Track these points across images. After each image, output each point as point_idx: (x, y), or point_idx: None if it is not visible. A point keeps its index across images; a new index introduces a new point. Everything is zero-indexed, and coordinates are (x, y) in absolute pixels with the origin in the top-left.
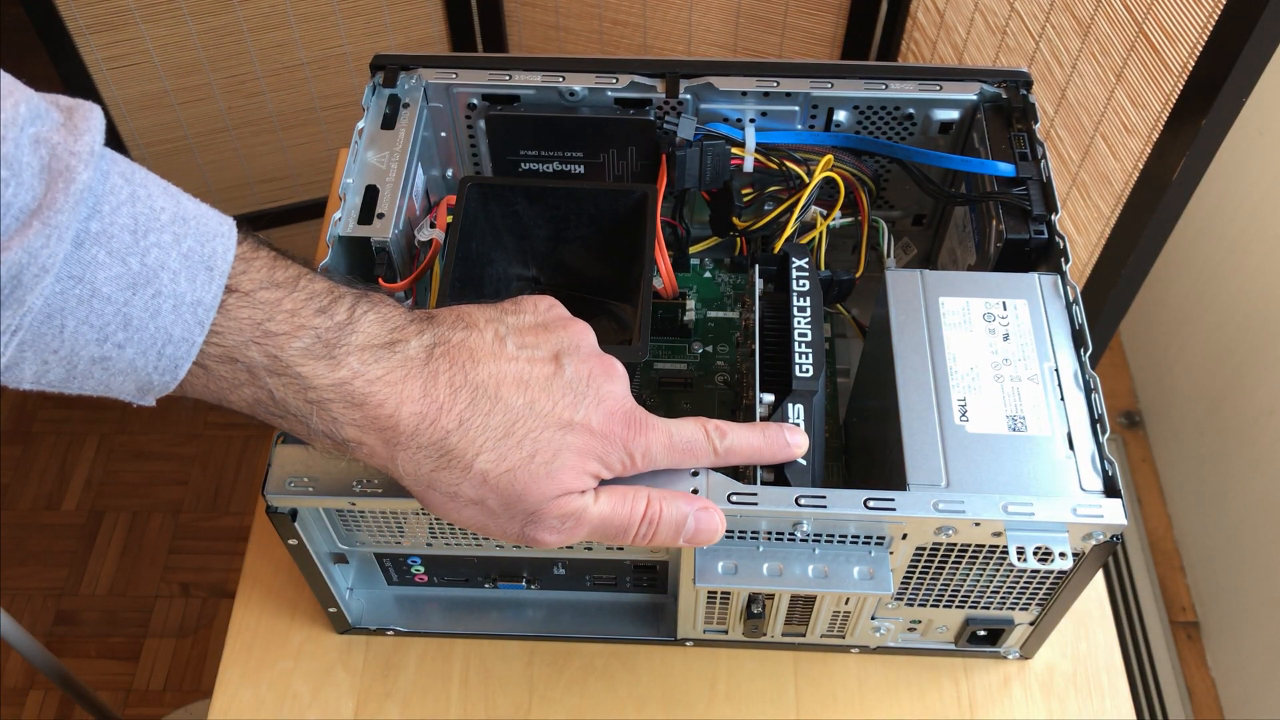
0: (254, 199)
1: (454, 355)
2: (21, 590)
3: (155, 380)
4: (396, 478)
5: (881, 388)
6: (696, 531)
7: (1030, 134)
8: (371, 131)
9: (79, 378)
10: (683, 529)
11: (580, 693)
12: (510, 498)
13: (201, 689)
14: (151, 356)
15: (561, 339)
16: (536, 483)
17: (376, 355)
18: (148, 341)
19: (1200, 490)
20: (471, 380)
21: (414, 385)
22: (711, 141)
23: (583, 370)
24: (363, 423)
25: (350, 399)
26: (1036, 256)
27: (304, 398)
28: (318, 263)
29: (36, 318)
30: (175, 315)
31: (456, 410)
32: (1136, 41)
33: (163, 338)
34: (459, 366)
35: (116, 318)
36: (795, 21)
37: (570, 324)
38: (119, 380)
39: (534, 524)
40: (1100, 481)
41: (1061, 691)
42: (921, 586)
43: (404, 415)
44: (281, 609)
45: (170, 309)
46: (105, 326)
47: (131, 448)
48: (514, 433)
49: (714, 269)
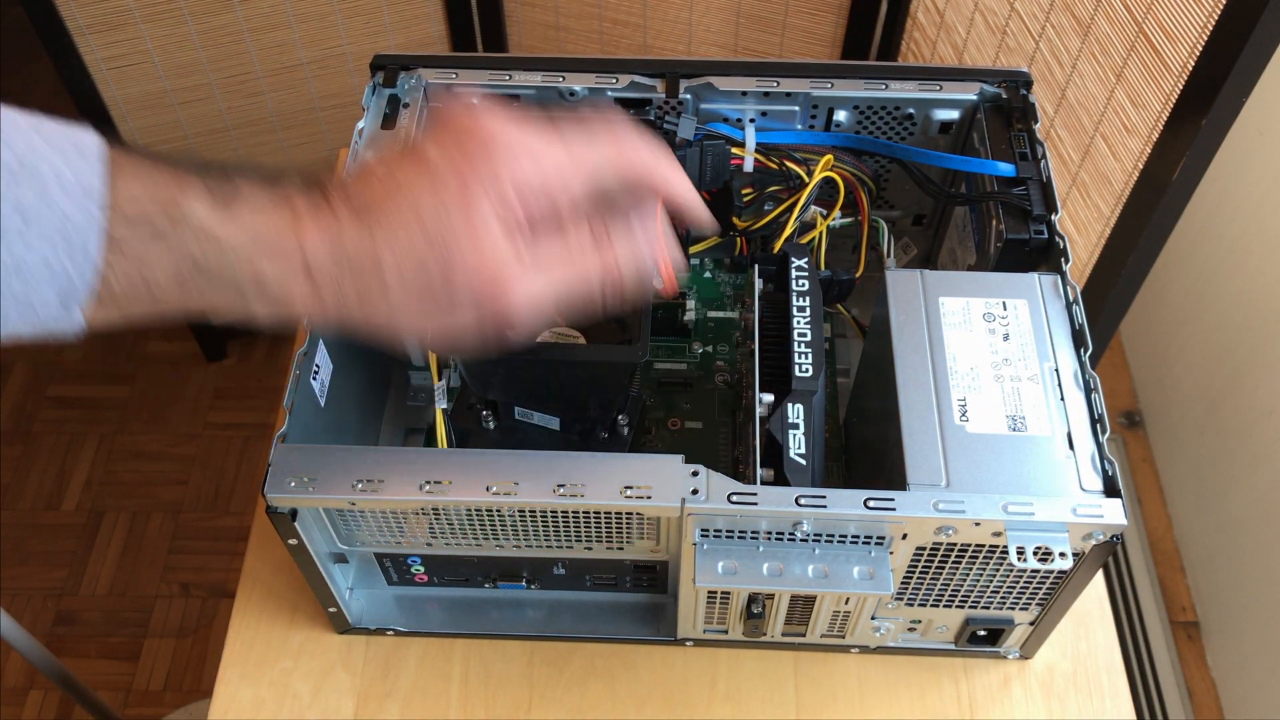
0: None
1: (333, 182)
2: (21, 590)
3: (73, 274)
4: (341, 322)
5: (881, 388)
6: None
7: (1030, 134)
8: (371, 131)
9: (5, 298)
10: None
11: (580, 693)
12: (440, 285)
13: (201, 689)
14: (59, 244)
15: None
16: (449, 261)
17: (264, 190)
18: (51, 228)
19: (1200, 490)
20: (356, 201)
21: (301, 203)
22: (711, 141)
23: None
24: (275, 255)
25: (256, 237)
26: (1036, 256)
27: (218, 249)
28: None
29: None
30: (66, 196)
31: (352, 228)
32: (1136, 41)
33: (60, 217)
34: (340, 188)
35: (13, 214)
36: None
37: None
38: (41, 293)
39: (483, 306)
40: (1100, 481)
41: (1061, 691)
42: (921, 586)
43: (309, 239)
44: (281, 609)
45: (59, 192)
46: (7, 221)
47: (131, 448)
48: (401, 226)
49: (714, 269)
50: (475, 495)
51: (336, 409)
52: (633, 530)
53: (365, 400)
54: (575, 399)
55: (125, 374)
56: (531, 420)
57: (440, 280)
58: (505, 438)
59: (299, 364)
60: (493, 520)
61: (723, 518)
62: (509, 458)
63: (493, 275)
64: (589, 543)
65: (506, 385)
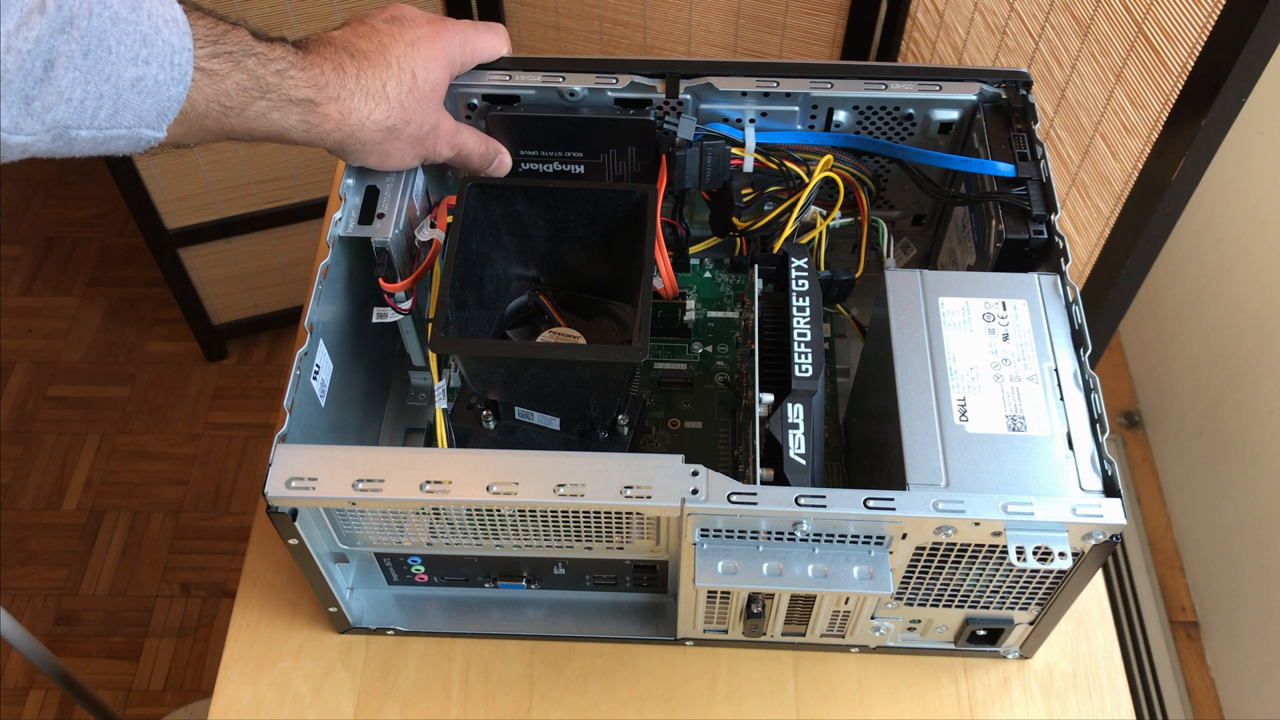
0: (254, 199)
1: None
2: (21, 590)
3: (172, 92)
4: (354, 137)
5: (881, 388)
6: (499, 165)
7: (1030, 134)
8: None
9: (121, 109)
10: None
11: (580, 693)
12: (419, 118)
13: (202, 689)
14: (167, 68)
15: None
16: (428, 98)
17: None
18: (163, 54)
19: (1200, 490)
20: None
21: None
22: (711, 141)
23: None
24: (311, 83)
25: (296, 65)
26: (1036, 256)
27: (270, 69)
28: (318, 263)
29: (93, 41)
30: (169, 28)
31: (350, 65)
32: (1136, 41)
33: (169, 49)
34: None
35: (138, 37)
36: (795, 21)
37: None
38: (147, 105)
39: (434, 135)
40: (1100, 481)
41: (1061, 691)
42: (921, 586)
43: (328, 71)
44: (281, 609)
45: (164, 24)
46: (134, 45)
47: (131, 448)
48: (391, 61)
49: (714, 269)
50: (475, 495)
51: (336, 409)
52: (633, 530)
53: (365, 400)
54: (575, 399)
55: (125, 374)
56: (531, 420)
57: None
58: (505, 438)
59: (299, 364)
60: (493, 520)
61: (723, 518)
62: (509, 458)
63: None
64: (589, 543)
65: (506, 385)
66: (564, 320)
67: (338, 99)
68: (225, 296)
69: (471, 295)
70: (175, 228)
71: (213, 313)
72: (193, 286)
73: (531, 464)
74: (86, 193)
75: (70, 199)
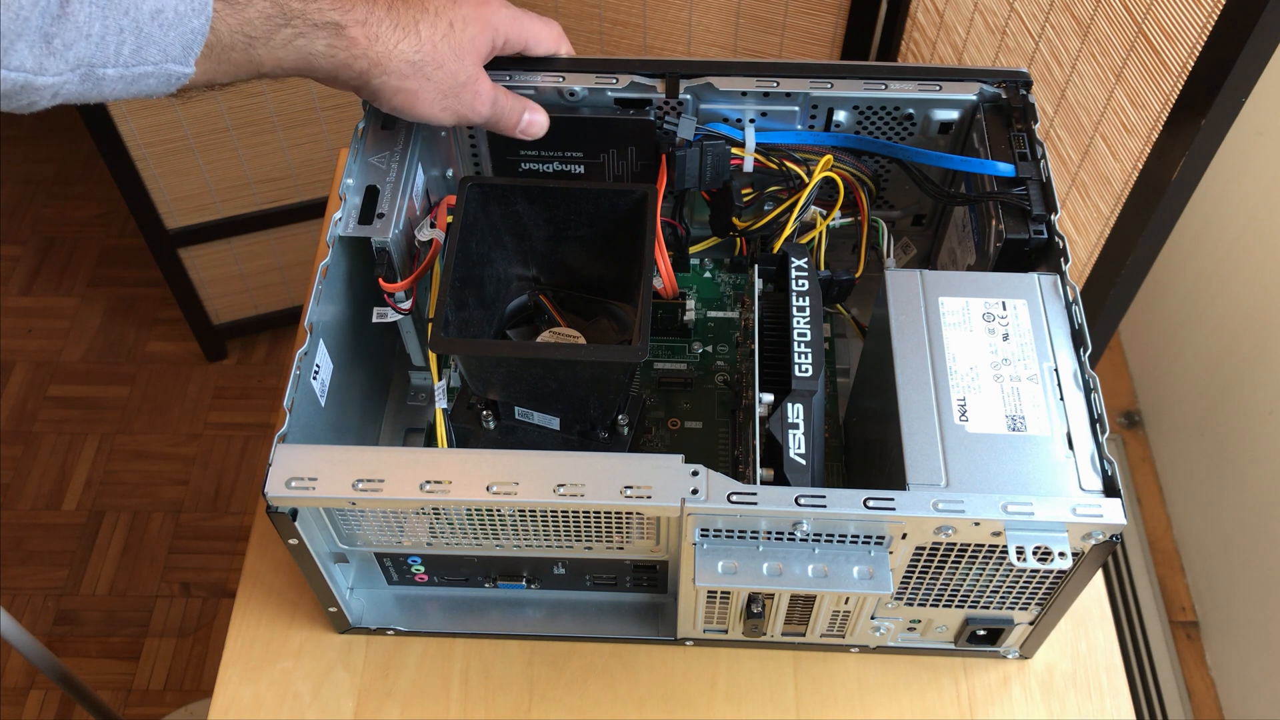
0: (254, 199)
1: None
2: (21, 590)
3: (194, 24)
4: (379, 65)
5: (881, 388)
6: (529, 123)
7: (1030, 134)
8: (372, 131)
9: (144, 44)
10: None
11: (580, 693)
12: (451, 65)
13: (202, 689)
14: None
15: None
16: (464, 49)
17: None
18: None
19: (1200, 490)
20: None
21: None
22: (711, 141)
23: None
24: (337, 5)
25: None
26: (1036, 256)
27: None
28: (318, 263)
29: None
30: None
31: None
32: (1136, 41)
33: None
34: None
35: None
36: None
37: None
38: (170, 39)
39: (469, 90)
40: (1100, 481)
41: (1061, 691)
42: (921, 586)
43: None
44: (281, 609)
45: None
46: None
47: (131, 448)
48: (429, 7)
49: (714, 269)
50: (475, 495)
51: (336, 409)
52: (633, 530)
53: (365, 400)
54: (575, 399)
55: (125, 374)
56: (531, 420)
57: (446, 68)
58: (505, 438)
59: (299, 364)
60: (493, 520)
61: (723, 517)
62: (509, 458)
63: (478, 82)
64: (589, 542)
65: (506, 385)
66: (564, 320)
67: (364, 23)
68: (225, 296)
69: (471, 295)
70: (175, 228)
71: (213, 313)
72: (193, 286)
73: (531, 464)
74: (86, 193)
75: (70, 199)
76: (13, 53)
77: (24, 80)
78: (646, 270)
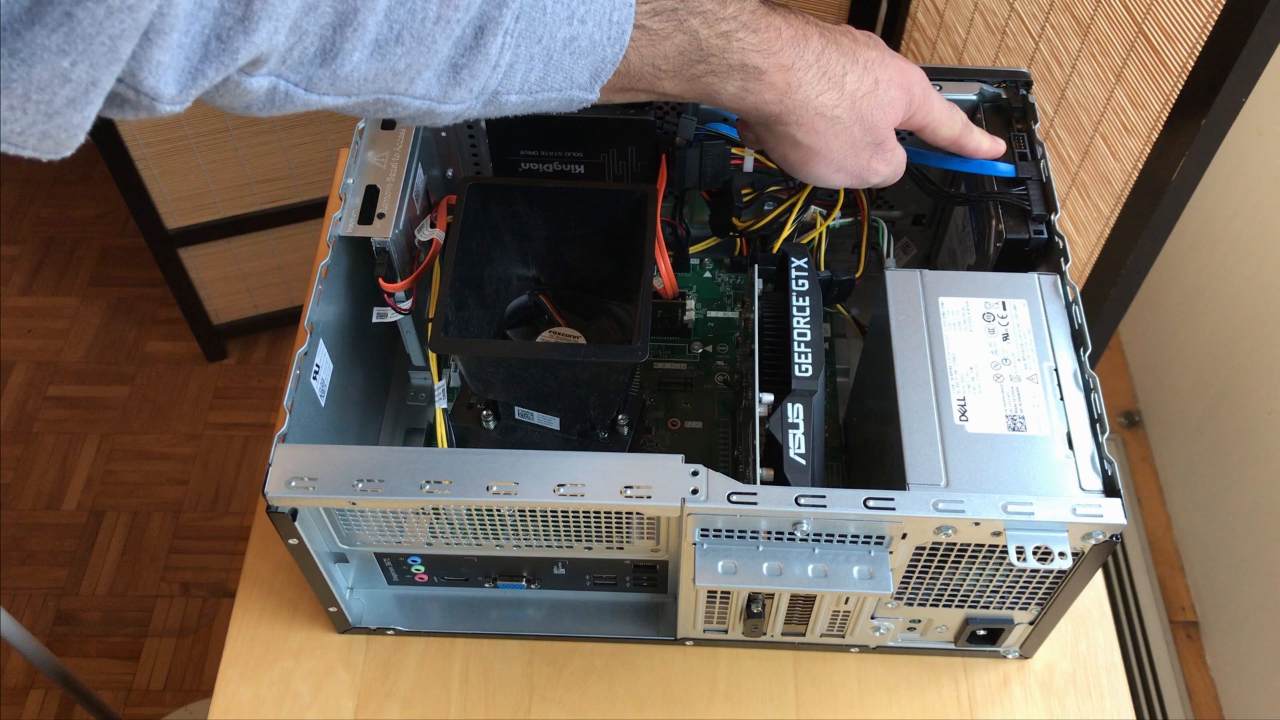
0: (254, 199)
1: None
2: (21, 590)
3: (607, 53)
4: (793, 114)
5: (881, 388)
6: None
7: (1030, 134)
8: (371, 131)
9: (551, 71)
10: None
11: (580, 693)
12: (868, 123)
13: (202, 688)
14: (604, 27)
15: None
16: (884, 110)
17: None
18: (600, 13)
19: (1200, 490)
20: (828, 28)
21: (785, 17)
22: (711, 141)
23: None
24: (761, 47)
25: (748, 26)
26: (1036, 256)
27: (716, 31)
28: (317, 263)
29: (527, 3)
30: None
31: (816, 40)
32: (1136, 41)
33: (607, 5)
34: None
35: None
36: None
37: None
38: (580, 66)
39: (878, 153)
40: (1100, 481)
41: (1061, 691)
42: (921, 586)
43: (785, 37)
44: (281, 609)
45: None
46: (570, 3)
47: (131, 448)
48: (859, 59)
49: (714, 269)
50: (475, 495)
51: (336, 409)
52: (633, 530)
53: (365, 400)
54: (575, 399)
55: (125, 374)
56: (531, 420)
57: (867, 126)
58: (505, 438)
59: (299, 364)
60: (493, 520)
61: (723, 517)
62: (509, 458)
63: (891, 142)
64: (589, 542)
65: (506, 385)
66: (564, 320)
67: (789, 69)
68: (225, 296)
69: (471, 295)
70: (175, 228)
71: (213, 313)
72: (193, 286)
73: (531, 464)
74: (86, 193)
75: (70, 199)
76: (419, 81)
77: (427, 107)
78: (646, 270)
